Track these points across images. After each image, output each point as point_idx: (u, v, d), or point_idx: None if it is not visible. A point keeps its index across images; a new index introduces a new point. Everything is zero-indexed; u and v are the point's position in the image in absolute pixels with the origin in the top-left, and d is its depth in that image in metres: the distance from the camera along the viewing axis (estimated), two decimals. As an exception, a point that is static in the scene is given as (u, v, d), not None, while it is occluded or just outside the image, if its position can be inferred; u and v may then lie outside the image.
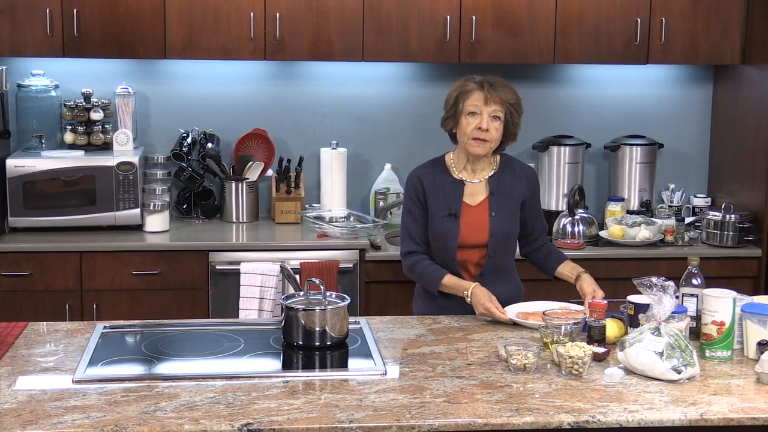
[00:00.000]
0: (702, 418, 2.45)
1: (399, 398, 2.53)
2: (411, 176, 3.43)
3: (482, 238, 3.35)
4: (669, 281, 2.78)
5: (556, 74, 4.98)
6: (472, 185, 3.38)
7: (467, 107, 3.27)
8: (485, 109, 3.25)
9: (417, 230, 3.39)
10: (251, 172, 4.72)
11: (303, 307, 2.94)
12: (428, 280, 3.35)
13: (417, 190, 3.38)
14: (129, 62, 4.73)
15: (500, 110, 3.27)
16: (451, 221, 3.34)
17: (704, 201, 4.91)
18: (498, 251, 3.35)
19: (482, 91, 3.26)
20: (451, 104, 3.32)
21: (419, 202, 3.38)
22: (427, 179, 3.38)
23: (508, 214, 3.37)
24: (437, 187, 3.37)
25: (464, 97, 3.28)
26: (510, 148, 5.09)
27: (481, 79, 3.30)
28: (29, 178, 4.38)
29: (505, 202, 3.37)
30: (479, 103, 3.25)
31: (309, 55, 4.52)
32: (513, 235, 3.41)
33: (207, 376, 2.68)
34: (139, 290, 4.29)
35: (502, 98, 3.27)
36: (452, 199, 3.35)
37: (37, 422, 2.36)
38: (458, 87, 3.32)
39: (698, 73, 5.01)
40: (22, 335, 3.02)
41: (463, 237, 3.34)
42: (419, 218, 3.38)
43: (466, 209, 3.36)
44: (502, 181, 3.38)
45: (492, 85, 3.27)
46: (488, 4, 4.53)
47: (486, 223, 3.35)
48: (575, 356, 2.68)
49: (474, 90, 3.27)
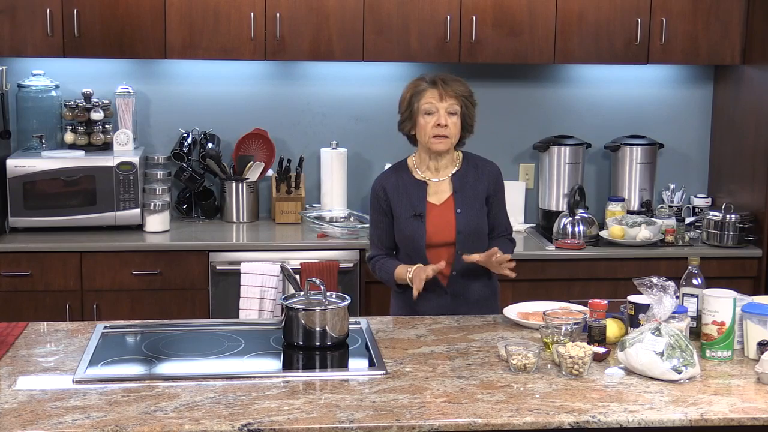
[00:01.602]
0: (702, 418, 2.45)
1: (399, 398, 2.53)
2: (374, 185, 3.44)
3: (449, 236, 3.34)
4: (669, 281, 2.77)
5: (556, 74, 4.98)
6: (435, 184, 3.38)
7: (423, 106, 3.27)
8: (441, 105, 3.26)
9: (380, 236, 3.42)
10: (251, 172, 4.72)
11: (303, 307, 2.94)
12: (385, 277, 3.40)
13: (380, 199, 3.40)
14: (129, 62, 4.73)
15: (456, 104, 3.27)
16: (416, 222, 3.34)
17: (704, 201, 4.91)
18: (467, 248, 3.33)
19: (436, 88, 3.27)
20: (406, 106, 3.32)
21: (382, 209, 3.40)
22: (390, 185, 3.39)
23: (474, 210, 3.35)
24: (400, 191, 3.37)
25: (418, 96, 3.28)
26: (510, 148, 5.12)
27: (431, 77, 3.31)
28: (29, 178, 4.38)
29: (469, 198, 3.36)
30: (434, 101, 3.26)
31: (309, 55, 4.52)
32: (481, 231, 3.38)
33: (207, 376, 2.68)
34: (140, 290, 4.29)
35: (456, 92, 3.28)
36: (416, 200, 3.35)
37: (37, 422, 2.36)
38: (410, 88, 3.32)
39: (698, 73, 5.01)
40: (23, 335, 3.02)
41: (430, 236, 3.33)
42: (382, 225, 3.41)
43: (431, 208, 3.35)
44: (465, 177, 3.37)
45: (444, 80, 3.28)
46: (488, 4, 4.53)
47: (452, 220, 3.34)
48: (575, 356, 2.68)
49: (427, 88, 3.28)
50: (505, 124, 4.99)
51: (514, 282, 3.52)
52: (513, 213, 4.58)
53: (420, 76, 3.35)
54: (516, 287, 4.19)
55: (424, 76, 3.34)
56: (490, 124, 4.93)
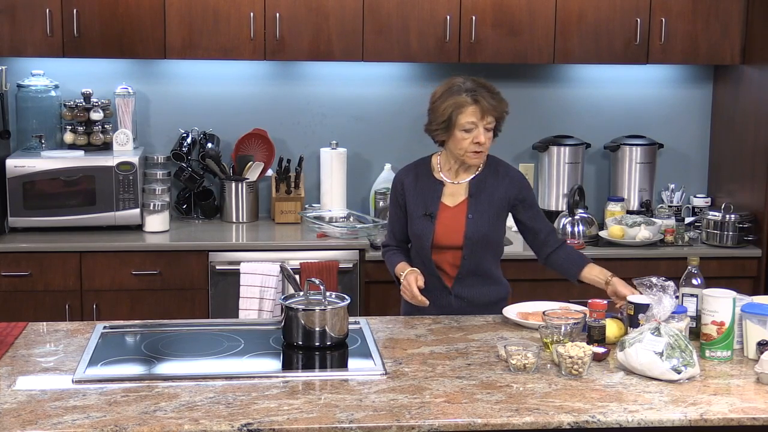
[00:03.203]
0: (702, 418, 2.45)
1: (399, 398, 2.53)
2: (395, 178, 3.44)
3: (457, 240, 3.30)
4: (669, 281, 2.78)
5: (556, 74, 4.98)
6: (452, 186, 3.35)
7: (462, 123, 3.19)
8: (481, 123, 3.20)
9: (393, 228, 3.44)
10: (251, 172, 4.72)
11: (303, 307, 2.94)
12: (390, 269, 3.41)
13: (397, 192, 3.39)
14: (129, 62, 4.73)
15: (494, 121, 3.23)
16: (426, 221, 3.32)
17: (704, 201, 4.91)
18: (473, 254, 3.30)
19: (477, 106, 3.17)
20: (444, 118, 3.21)
21: (398, 203, 3.40)
22: (409, 181, 3.38)
23: (487, 216, 3.31)
24: (417, 188, 3.36)
25: (459, 111, 3.18)
26: (510, 147, 5.11)
27: (471, 87, 3.19)
28: (29, 178, 4.38)
29: (484, 204, 3.31)
30: (475, 119, 3.18)
31: (309, 55, 4.52)
32: (492, 238, 3.33)
33: (207, 376, 2.68)
34: (139, 290, 4.29)
35: (497, 110, 3.21)
36: (430, 200, 3.34)
37: (37, 422, 2.36)
38: (451, 101, 3.18)
39: (698, 73, 5.01)
40: (22, 335, 3.02)
41: (438, 238, 3.31)
42: (397, 218, 3.41)
43: (444, 210, 3.33)
44: (484, 183, 3.33)
45: (485, 97, 3.18)
46: (488, 4, 4.53)
47: (462, 224, 3.30)
48: (575, 356, 2.68)
49: (468, 104, 3.17)
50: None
51: (514, 282, 3.52)
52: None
53: (456, 84, 3.21)
54: (516, 287, 4.19)
55: (460, 84, 3.20)
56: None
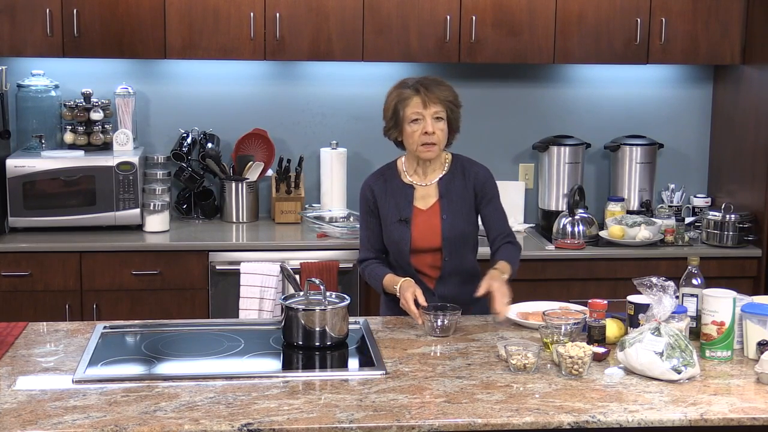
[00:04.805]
0: (702, 418, 2.45)
1: (399, 398, 2.53)
2: (363, 186, 3.42)
3: (435, 242, 3.30)
4: (669, 281, 2.77)
5: (556, 74, 4.98)
6: (422, 188, 3.35)
7: (408, 115, 3.23)
8: (426, 113, 3.22)
9: (369, 238, 3.39)
10: (251, 172, 4.72)
11: (303, 307, 2.94)
12: (374, 283, 3.36)
13: (368, 200, 3.38)
14: (129, 62, 4.73)
15: (441, 110, 3.23)
16: (402, 226, 3.31)
17: (704, 201, 4.91)
18: (453, 254, 3.31)
19: (419, 95, 3.22)
20: (391, 114, 3.28)
21: (370, 210, 3.38)
22: (378, 187, 3.37)
23: (461, 215, 3.31)
24: (388, 194, 3.35)
25: (403, 104, 3.24)
26: (510, 148, 5.11)
27: (414, 82, 3.26)
28: (29, 178, 4.37)
29: (456, 203, 3.31)
30: (419, 109, 3.22)
31: (309, 55, 4.52)
32: (469, 236, 3.34)
33: (207, 376, 2.68)
34: (139, 290, 4.29)
35: (440, 98, 3.23)
36: (402, 205, 3.33)
37: (37, 422, 2.36)
38: (394, 96, 3.27)
39: (698, 73, 5.01)
40: (22, 335, 3.02)
41: (416, 241, 3.30)
42: (372, 227, 3.38)
43: (418, 213, 3.32)
44: (452, 182, 3.33)
45: (427, 87, 3.23)
46: (488, 4, 4.52)
47: (438, 226, 3.30)
48: (575, 356, 2.68)
49: (411, 96, 3.23)
50: (505, 124, 4.99)
51: (514, 282, 3.51)
52: (513, 213, 4.61)
53: (403, 82, 3.31)
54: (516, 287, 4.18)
55: (406, 81, 3.29)
56: (490, 124, 4.94)
